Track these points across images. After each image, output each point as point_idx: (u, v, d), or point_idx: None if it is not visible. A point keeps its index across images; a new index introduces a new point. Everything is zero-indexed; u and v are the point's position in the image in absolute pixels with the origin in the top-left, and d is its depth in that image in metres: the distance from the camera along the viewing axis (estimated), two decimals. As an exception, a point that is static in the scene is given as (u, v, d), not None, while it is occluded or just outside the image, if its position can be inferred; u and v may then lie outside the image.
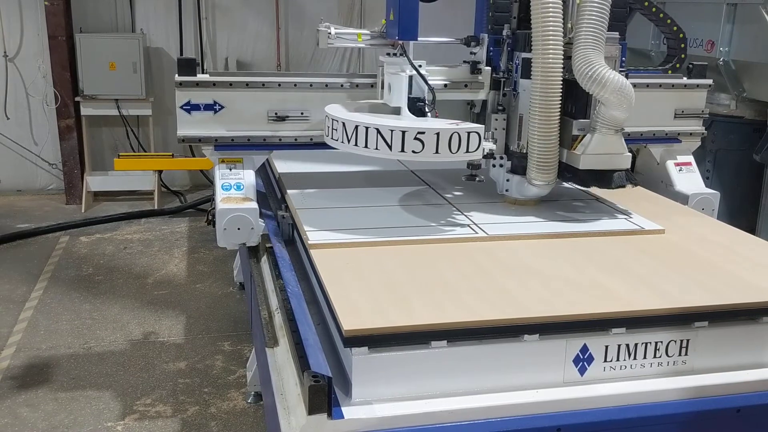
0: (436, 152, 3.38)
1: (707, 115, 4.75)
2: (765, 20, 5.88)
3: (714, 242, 3.62)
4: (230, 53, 9.47)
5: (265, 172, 5.19)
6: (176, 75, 4.00)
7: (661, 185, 4.69)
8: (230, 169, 4.05)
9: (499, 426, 2.56)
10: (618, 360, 2.76)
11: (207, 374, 5.02)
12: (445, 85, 4.03)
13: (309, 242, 3.38)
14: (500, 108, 4.00)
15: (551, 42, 3.52)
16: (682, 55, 4.88)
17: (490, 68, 4.05)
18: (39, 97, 8.96)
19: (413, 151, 3.37)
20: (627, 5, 3.92)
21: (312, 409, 2.39)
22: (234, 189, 3.95)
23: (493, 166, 4.07)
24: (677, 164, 4.68)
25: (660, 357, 2.80)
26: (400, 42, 3.79)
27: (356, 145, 3.48)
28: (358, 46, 4.08)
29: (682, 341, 2.81)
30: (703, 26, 6.45)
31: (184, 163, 8.73)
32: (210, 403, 4.67)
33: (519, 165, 3.90)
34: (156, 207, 8.68)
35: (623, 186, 3.72)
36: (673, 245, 3.53)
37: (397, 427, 2.49)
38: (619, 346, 2.75)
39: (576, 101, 3.72)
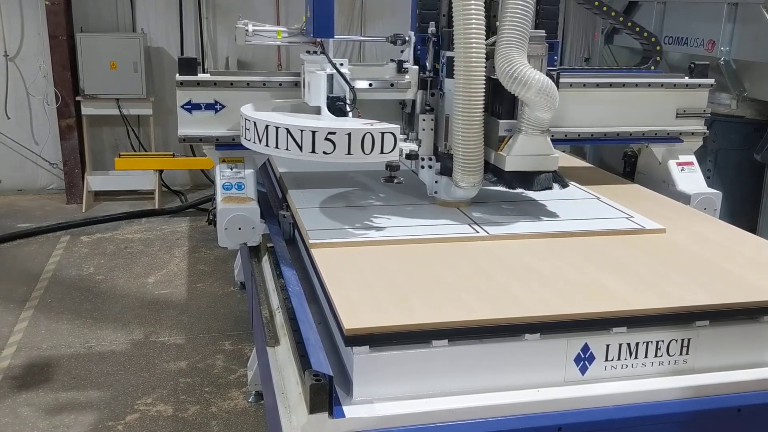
0: (348, 153, 3.27)
1: (709, 115, 4.73)
2: (766, 20, 5.88)
3: (715, 242, 3.62)
4: (231, 53, 9.47)
5: (266, 171, 5.19)
6: (177, 74, 4.00)
7: (663, 185, 4.67)
8: (231, 169, 4.04)
9: (500, 425, 2.56)
10: (619, 359, 2.76)
11: (208, 373, 5.02)
12: (370, 84, 3.91)
13: (310, 241, 3.38)
14: (428, 108, 3.91)
15: (474, 39, 3.42)
16: (658, 48, 4.94)
17: (417, 67, 3.94)
18: (40, 97, 8.97)
19: (324, 152, 3.26)
20: (558, 2, 3.80)
21: (313, 408, 2.40)
22: (235, 188, 3.95)
23: (422, 167, 3.99)
24: (679, 164, 4.67)
25: (661, 356, 2.80)
26: (318, 40, 3.69)
27: (267, 145, 3.40)
28: (276, 44, 3.99)
29: (683, 341, 2.81)
30: (703, 26, 6.45)
31: (185, 162, 8.74)
32: (211, 403, 4.67)
33: (447, 166, 3.81)
34: (157, 206, 8.68)
35: (549, 188, 3.68)
36: (674, 245, 3.53)
37: (398, 426, 2.49)
38: (620, 345, 2.75)
39: (502, 101, 3.64)
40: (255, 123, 3.45)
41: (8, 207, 8.67)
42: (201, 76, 4.04)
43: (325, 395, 2.40)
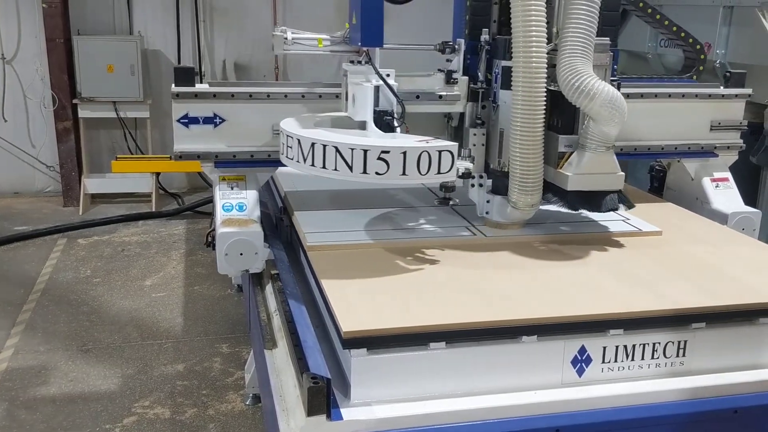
0: (403, 174, 3.00)
1: (746, 128, 4.45)
2: (761, 23, 5.91)
3: (711, 243, 3.63)
4: (228, 56, 9.47)
5: (269, 191, 4.89)
6: (173, 85, 3.74)
7: (696, 203, 4.39)
8: (232, 188, 3.76)
9: (497, 427, 2.57)
10: (616, 361, 2.77)
11: (205, 376, 5.01)
12: (417, 97, 3.65)
13: (307, 244, 3.39)
14: (479, 122, 3.63)
15: (534, 49, 3.16)
16: (702, 56, 4.71)
17: (467, 78, 3.67)
18: (37, 100, 8.96)
19: (377, 173, 2.99)
20: (620, 6, 3.59)
21: (311, 411, 2.40)
22: (236, 210, 3.67)
23: (472, 185, 3.69)
24: (713, 180, 4.38)
25: (658, 358, 2.81)
26: (365, 49, 3.42)
27: (313, 165, 3.10)
28: (316, 53, 3.69)
29: (679, 342, 2.82)
30: (699, 29, 6.45)
31: (182, 165, 8.67)
32: (208, 405, 4.67)
33: (500, 184, 3.54)
34: (154, 209, 8.67)
35: (615, 209, 3.44)
36: (670, 247, 3.54)
37: (396, 428, 2.50)
38: (617, 347, 2.76)
39: (562, 114, 3.37)
40: (299, 140, 3.15)
41: (5, 210, 8.66)
42: (199, 87, 3.78)
43: (323, 398, 2.40)
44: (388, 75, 3.40)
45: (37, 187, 9.29)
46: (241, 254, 3.53)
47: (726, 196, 4.35)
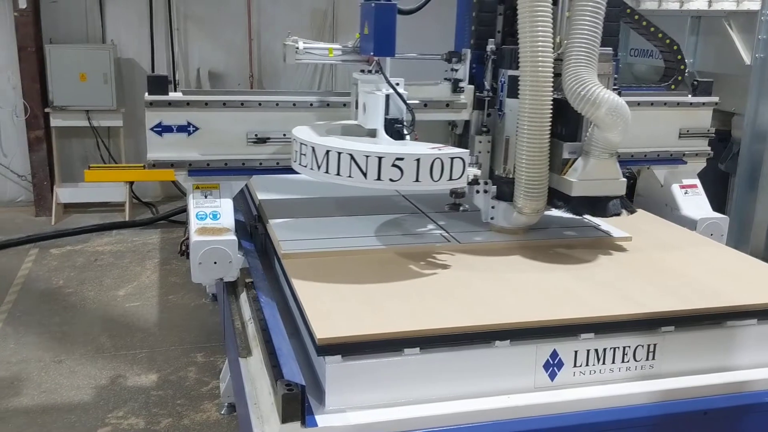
0: (417, 180, 3.07)
1: (713, 135, 4.52)
2: (727, 33, 6.03)
3: (680, 249, 3.69)
4: (202, 64, 9.46)
5: (243, 199, 4.85)
6: (146, 94, 3.70)
7: (666, 209, 4.47)
8: (205, 197, 3.73)
9: (471, 432, 2.60)
10: (587, 365, 2.80)
11: (180, 386, 4.99)
12: (425, 105, 3.73)
13: (282, 252, 3.39)
14: (485, 129, 3.71)
15: (541, 58, 3.23)
16: (682, 66, 4.77)
17: (473, 86, 3.75)
18: (8, 109, 8.88)
19: (391, 179, 3.05)
20: (620, 18, 3.64)
21: (285, 418, 2.40)
22: (210, 218, 3.63)
23: (477, 192, 3.75)
24: (682, 187, 4.46)
25: (628, 362, 2.85)
26: (376, 58, 3.47)
27: (327, 172, 3.15)
28: (328, 63, 3.72)
29: (649, 346, 2.86)
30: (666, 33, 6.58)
31: (156, 174, 8.60)
32: (183, 415, 4.65)
33: (505, 190, 3.62)
34: (127, 218, 8.62)
35: (618, 214, 3.49)
36: (640, 252, 3.60)
37: (371, 434, 2.51)
38: (588, 351, 2.79)
39: (566, 122, 3.44)
40: (313, 148, 3.19)
41: (-24, 220, 8.56)
42: (172, 96, 3.75)
43: (298, 405, 2.41)
44: (397, 84, 3.46)
45: (9, 197, 9.19)
46: (215, 263, 3.52)
47: (695, 202, 4.42)
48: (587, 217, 3.71)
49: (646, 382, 2.85)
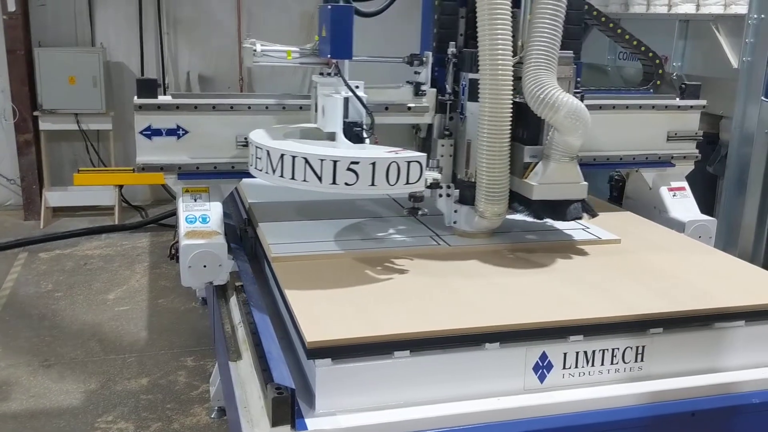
0: (372, 184, 3.02)
1: (702, 138, 4.52)
2: (715, 36, 6.07)
3: (668, 251, 3.71)
4: (192, 67, 9.44)
5: (233, 202, 4.84)
6: (135, 97, 3.70)
7: (654, 211, 4.48)
8: (195, 200, 3.72)
9: (461, 434, 2.60)
10: (576, 367, 2.81)
11: (170, 390, 4.97)
12: (386, 108, 3.69)
13: (272, 255, 3.39)
14: (447, 133, 3.68)
15: (500, 61, 3.22)
16: (660, 71, 4.79)
17: (435, 90, 3.71)
18: (-3, 112, 8.84)
19: (346, 183, 3.01)
20: (582, 21, 3.66)
21: (275, 422, 2.41)
22: (199, 222, 3.61)
23: (440, 195, 3.72)
24: (671, 189, 4.46)
25: (617, 363, 2.86)
26: (334, 61, 3.43)
27: (282, 176, 3.11)
28: (286, 65, 3.65)
29: (638, 347, 2.88)
30: (657, 41, 6.57)
31: (145, 177, 8.53)
32: (173, 419, 4.63)
33: (467, 194, 3.59)
34: (117, 222, 8.59)
35: (579, 218, 3.52)
36: (629, 254, 3.62)
37: (361, 437, 2.51)
38: (577, 353, 2.80)
39: (527, 125, 3.43)
40: (268, 151, 3.16)
41: (-36, 224, 8.52)
42: (162, 99, 3.72)
43: (288, 408, 2.41)
44: (357, 87, 3.44)
45: (-3, 201, 9.15)
46: (205, 266, 3.50)
47: (683, 204, 4.43)
48: (548, 221, 3.70)
49: (635, 383, 2.86)
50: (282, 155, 3.09)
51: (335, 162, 3.00)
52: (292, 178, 3.08)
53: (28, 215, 8.75)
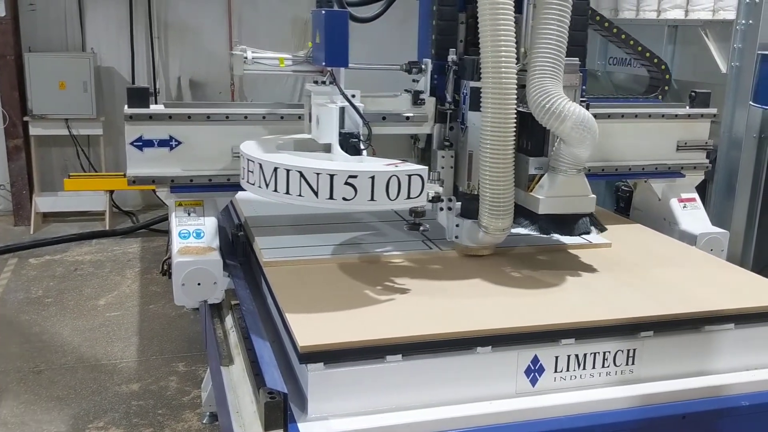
0: (372, 199, 2.86)
1: (712, 147, 4.40)
2: (704, 42, 6.11)
3: (659, 255, 3.73)
4: (183, 73, 9.44)
5: (228, 216, 4.66)
6: (126, 107, 3.54)
7: (664, 223, 4.34)
8: (189, 214, 3.58)
9: (453, 438, 2.61)
10: (568, 370, 2.82)
11: (161, 396, 4.96)
12: (383, 118, 3.52)
13: (263, 260, 3.39)
14: (447, 143, 3.51)
15: (504, 69, 3.03)
16: (667, 76, 4.70)
17: (434, 98, 3.56)
18: (-14, 118, 8.81)
19: (344, 198, 2.84)
20: (587, 27, 3.51)
21: (268, 426, 2.40)
22: (193, 237, 3.48)
23: (441, 209, 3.57)
24: (681, 200, 4.32)
25: (608, 366, 2.87)
26: (329, 69, 3.27)
27: (276, 191, 2.94)
28: (278, 73, 3.52)
29: (629, 351, 2.89)
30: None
31: (137, 183, 8.63)
32: (164, 425, 4.62)
33: (470, 208, 3.39)
34: (107, 227, 8.56)
35: (588, 232, 3.37)
36: (619, 258, 3.63)
37: (353, 441, 2.52)
38: (568, 356, 2.81)
39: (532, 136, 3.28)
40: (261, 165, 2.98)
41: (-47, 230, 8.47)
42: (154, 109, 3.57)
43: (280, 413, 2.40)
44: (353, 96, 3.27)
45: (-13, 207, 9.11)
46: (199, 284, 3.36)
47: (694, 216, 4.28)
48: (555, 236, 3.58)
49: (626, 386, 2.87)
50: (275, 168, 2.93)
51: (332, 176, 2.84)
52: (287, 192, 2.92)
53: (18, 221, 8.72)
